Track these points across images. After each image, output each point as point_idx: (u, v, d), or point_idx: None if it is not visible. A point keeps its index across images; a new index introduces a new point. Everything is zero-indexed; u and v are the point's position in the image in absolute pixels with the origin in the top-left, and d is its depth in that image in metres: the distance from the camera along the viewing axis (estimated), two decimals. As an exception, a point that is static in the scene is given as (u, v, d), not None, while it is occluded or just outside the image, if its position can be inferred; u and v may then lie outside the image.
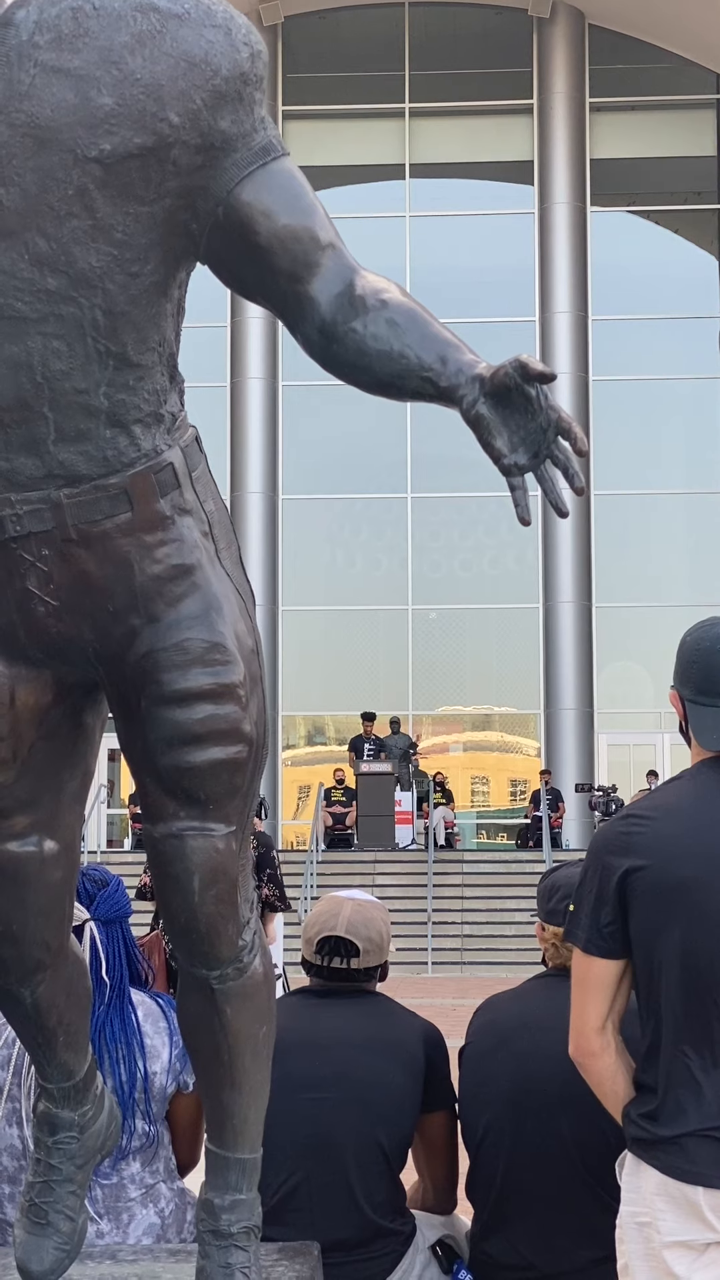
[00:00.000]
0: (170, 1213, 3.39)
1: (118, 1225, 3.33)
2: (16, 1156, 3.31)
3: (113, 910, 3.40)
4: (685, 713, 2.94)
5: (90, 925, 3.40)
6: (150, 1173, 3.38)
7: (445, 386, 2.24)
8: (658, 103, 29.42)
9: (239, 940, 2.58)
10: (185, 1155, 3.51)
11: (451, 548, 28.58)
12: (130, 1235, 3.33)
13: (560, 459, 2.20)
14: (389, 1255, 3.41)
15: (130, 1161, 3.34)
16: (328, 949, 3.54)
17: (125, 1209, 3.34)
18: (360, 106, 29.38)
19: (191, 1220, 3.40)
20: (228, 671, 2.47)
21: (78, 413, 2.34)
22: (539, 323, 28.50)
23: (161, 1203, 3.38)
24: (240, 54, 2.26)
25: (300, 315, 2.35)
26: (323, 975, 3.58)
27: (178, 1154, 3.48)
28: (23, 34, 2.22)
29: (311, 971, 3.61)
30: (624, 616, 28.06)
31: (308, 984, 3.65)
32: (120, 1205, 3.34)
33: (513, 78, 29.34)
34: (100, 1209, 3.31)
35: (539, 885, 3.60)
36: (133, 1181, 3.35)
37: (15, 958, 2.62)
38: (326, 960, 3.54)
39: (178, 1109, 3.43)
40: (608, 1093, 2.87)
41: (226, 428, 28.20)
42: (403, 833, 23.66)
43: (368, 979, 3.59)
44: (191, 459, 2.50)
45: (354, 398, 2.65)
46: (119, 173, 2.23)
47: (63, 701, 2.58)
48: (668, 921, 2.74)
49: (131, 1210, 3.34)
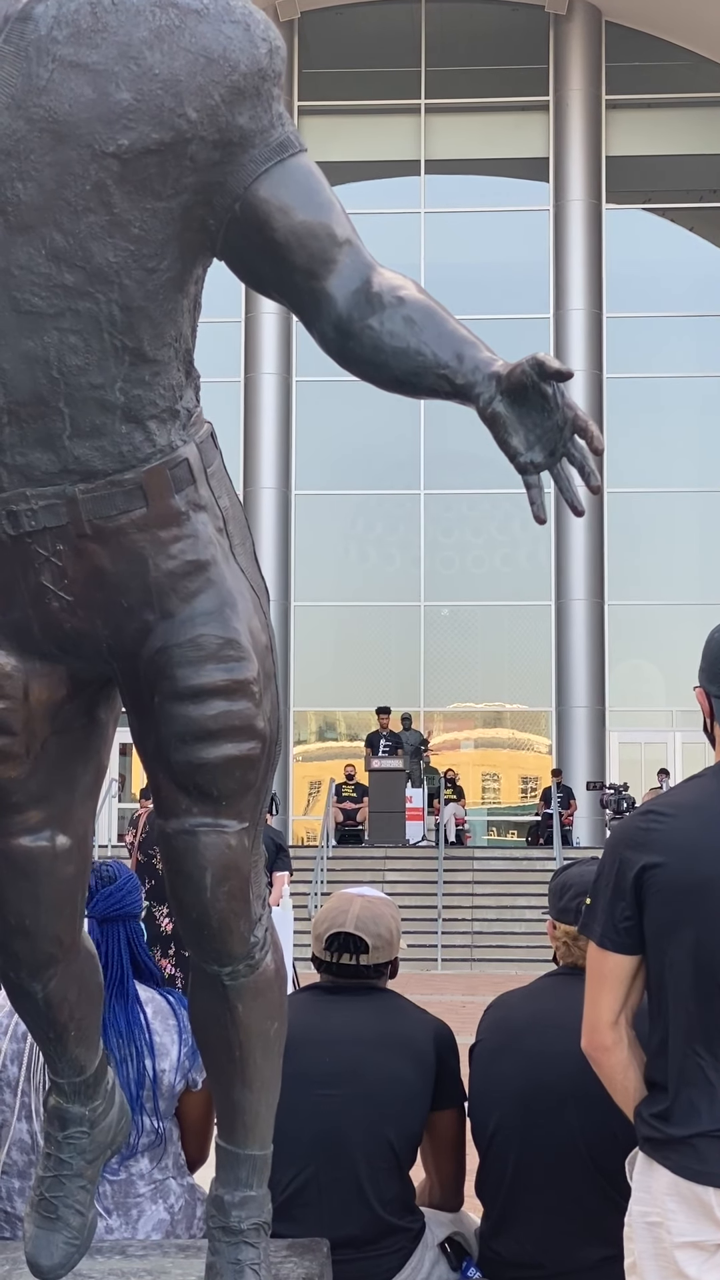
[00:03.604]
0: (180, 1208, 3.39)
1: (127, 1221, 3.33)
2: (26, 1151, 3.31)
3: (112, 908, 3.38)
4: (712, 710, 2.93)
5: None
6: (159, 1169, 3.38)
7: (462, 384, 2.24)
8: (674, 100, 29.34)
9: (251, 937, 2.58)
10: (195, 1151, 3.51)
11: (464, 544, 28.55)
12: (139, 1231, 3.33)
13: (576, 457, 2.19)
14: (398, 1252, 3.42)
15: (139, 1158, 3.35)
16: (337, 945, 3.54)
17: (134, 1204, 3.34)
18: (376, 102, 29.33)
19: (201, 1216, 3.41)
20: (241, 667, 2.47)
21: (93, 408, 2.34)
22: (553, 320, 28.45)
23: (171, 1198, 3.39)
24: (259, 50, 2.25)
25: (317, 312, 2.35)
26: (332, 971, 3.58)
27: (187, 1150, 3.49)
28: (41, 29, 2.22)
29: (321, 968, 3.61)
30: (636, 614, 28.01)
31: (318, 980, 3.65)
32: (129, 1201, 3.34)
33: (529, 74, 29.28)
34: (109, 1204, 3.32)
35: (550, 883, 3.59)
36: (141, 1178, 3.35)
37: (27, 952, 2.63)
38: (336, 956, 3.54)
39: (187, 1106, 3.44)
40: (619, 1088, 2.86)
41: (240, 423, 28.19)
42: (413, 829, 23.64)
43: (377, 975, 3.59)
44: (206, 454, 2.50)
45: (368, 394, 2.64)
46: (137, 168, 2.23)
47: (76, 696, 2.58)
48: (682, 920, 2.73)
49: (141, 1206, 3.35)
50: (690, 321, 28.80)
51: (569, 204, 28.56)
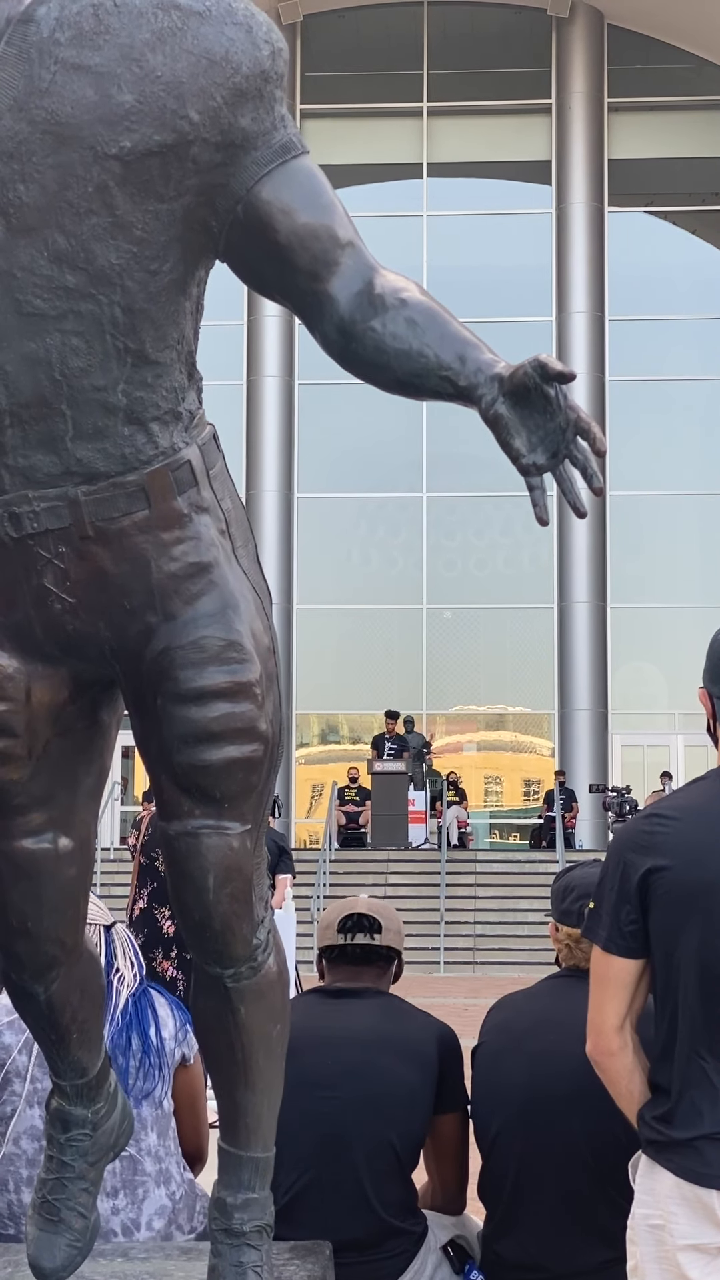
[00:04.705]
0: (180, 1197, 3.43)
1: (133, 1200, 3.36)
2: (36, 1138, 3.33)
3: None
4: (715, 711, 2.92)
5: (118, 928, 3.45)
6: (164, 1148, 3.42)
7: (464, 385, 2.24)
8: (676, 103, 29.34)
9: (253, 939, 2.57)
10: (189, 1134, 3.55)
11: (467, 547, 28.55)
12: (144, 1213, 3.36)
13: (579, 459, 2.19)
14: (401, 1255, 3.41)
15: (148, 1133, 3.39)
16: (351, 924, 3.56)
17: (140, 1184, 3.38)
18: (378, 105, 29.35)
19: (200, 1210, 3.43)
20: (244, 670, 2.47)
21: (96, 410, 2.34)
22: (556, 323, 28.46)
23: (173, 1185, 3.42)
24: (261, 52, 2.26)
25: (319, 313, 2.35)
26: (346, 955, 3.57)
27: (182, 1135, 3.52)
28: (44, 31, 2.22)
29: (334, 954, 3.60)
30: (639, 617, 28.01)
31: (321, 984, 3.66)
32: (136, 1180, 3.38)
33: (531, 77, 29.29)
34: (117, 1183, 3.34)
35: (553, 885, 3.59)
36: (149, 1154, 3.39)
37: (30, 954, 2.63)
38: (350, 936, 3.55)
39: (178, 1084, 3.49)
40: (623, 1092, 2.86)
41: (242, 425, 28.20)
42: (416, 832, 23.64)
43: (388, 962, 3.61)
44: (209, 457, 2.50)
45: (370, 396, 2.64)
46: (139, 170, 2.23)
47: (79, 698, 2.58)
48: (686, 924, 2.73)
49: (146, 1187, 3.38)
50: (693, 324, 28.80)
51: (571, 207, 28.57)
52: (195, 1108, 3.58)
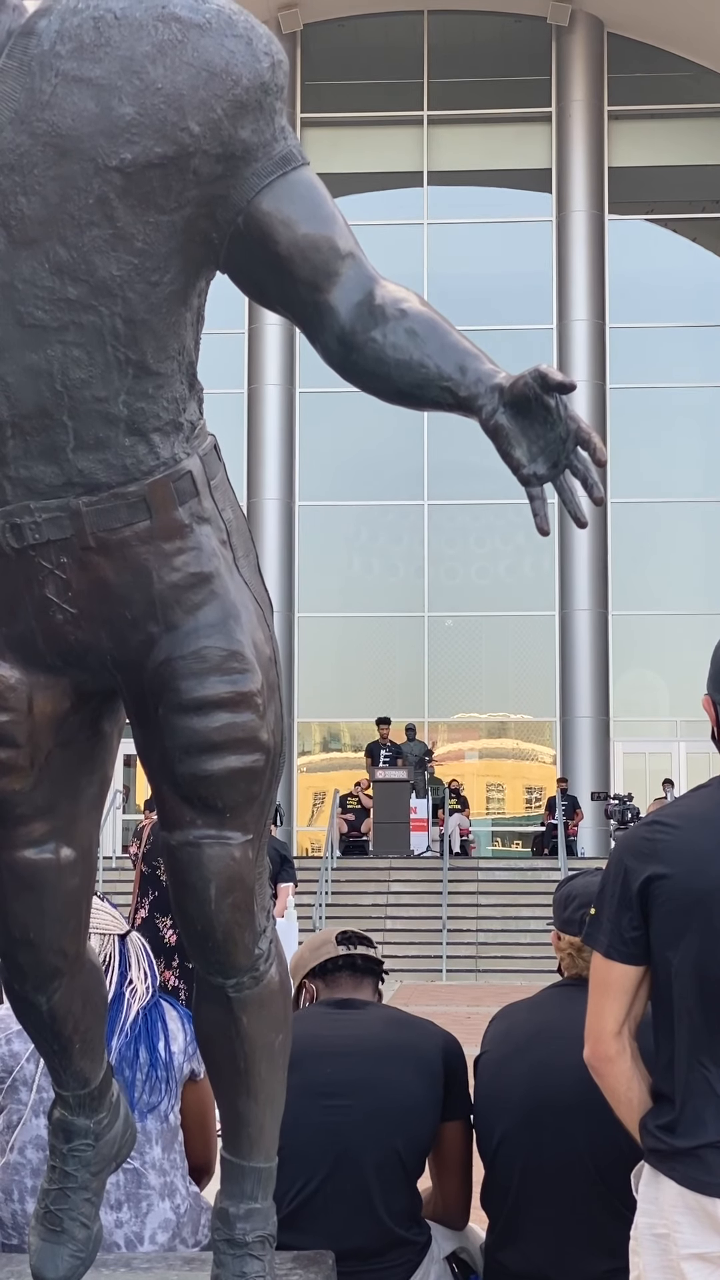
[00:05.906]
0: (185, 1211, 3.42)
1: (136, 1214, 3.35)
2: (41, 1148, 3.33)
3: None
4: (718, 719, 2.93)
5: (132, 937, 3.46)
6: (169, 1161, 3.41)
7: (465, 396, 2.24)
8: (676, 111, 29.39)
9: (255, 949, 2.57)
10: (198, 1149, 3.55)
11: (468, 555, 28.56)
12: (147, 1226, 3.36)
13: (579, 469, 2.20)
14: (404, 1265, 3.41)
15: (153, 1145, 3.38)
16: (348, 939, 3.64)
17: (144, 1197, 3.37)
18: (379, 114, 29.38)
19: (204, 1223, 3.42)
20: (245, 680, 2.47)
21: (97, 421, 2.34)
22: (556, 330, 28.48)
23: (177, 1199, 3.42)
24: (261, 64, 2.26)
25: (320, 324, 2.35)
26: (350, 966, 3.62)
27: (190, 1150, 3.52)
28: (44, 43, 2.23)
29: (338, 965, 3.63)
30: (640, 624, 28.01)
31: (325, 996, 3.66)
32: (141, 1193, 3.37)
33: (531, 86, 29.33)
34: (121, 1196, 3.34)
35: (555, 894, 3.60)
36: (154, 1168, 3.38)
37: (32, 964, 2.63)
38: (352, 947, 3.64)
39: (188, 1099, 3.48)
40: (621, 1099, 2.85)
41: (244, 434, 28.22)
42: (418, 840, 23.63)
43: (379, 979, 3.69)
44: (210, 467, 2.50)
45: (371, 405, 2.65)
46: (140, 182, 2.24)
47: (80, 709, 2.58)
48: (688, 931, 2.73)
49: (150, 1200, 3.37)
50: (693, 332, 28.83)
51: (572, 215, 28.59)
52: (205, 1124, 3.57)
